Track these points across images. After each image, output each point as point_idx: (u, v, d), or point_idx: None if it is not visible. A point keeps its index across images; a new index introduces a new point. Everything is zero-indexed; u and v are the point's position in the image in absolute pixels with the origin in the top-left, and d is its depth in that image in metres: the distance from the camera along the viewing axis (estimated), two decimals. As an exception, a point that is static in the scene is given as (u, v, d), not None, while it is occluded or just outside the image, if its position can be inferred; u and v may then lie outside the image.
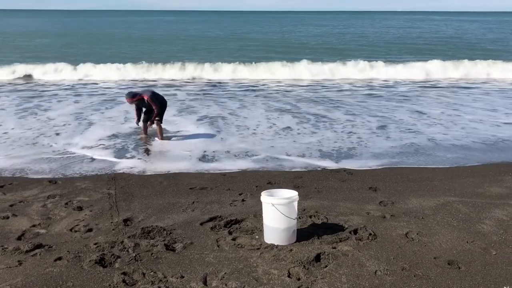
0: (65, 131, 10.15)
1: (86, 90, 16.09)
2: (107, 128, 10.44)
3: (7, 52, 27.90)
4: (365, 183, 6.84)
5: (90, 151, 8.61)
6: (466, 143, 9.42)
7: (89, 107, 12.89)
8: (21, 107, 12.85)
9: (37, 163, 7.81)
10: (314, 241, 4.74)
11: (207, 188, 6.62)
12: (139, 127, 9.85)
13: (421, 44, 37.53)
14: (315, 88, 16.92)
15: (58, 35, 45.01)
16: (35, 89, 16.29)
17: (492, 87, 17.53)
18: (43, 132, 9.99)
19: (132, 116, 10.65)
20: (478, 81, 18.88)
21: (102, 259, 4.34)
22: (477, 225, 5.20)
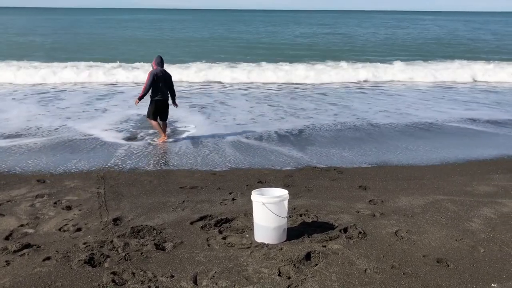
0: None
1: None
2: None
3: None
4: (355, 182, 6.87)
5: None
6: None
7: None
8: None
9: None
10: (304, 239, 4.74)
11: (197, 187, 6.60)
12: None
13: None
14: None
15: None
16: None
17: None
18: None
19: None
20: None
21: (91, 258, 4.31)
22: (465, 223, 5.25)
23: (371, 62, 22.75)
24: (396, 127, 10.79)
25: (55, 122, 10.78)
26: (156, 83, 8.94)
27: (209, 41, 38.03)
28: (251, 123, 11.11)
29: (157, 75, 8.93)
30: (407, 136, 10.04)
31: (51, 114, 11.80)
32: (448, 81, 19.11)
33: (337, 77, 18.87)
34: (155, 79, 8.91)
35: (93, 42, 34.60)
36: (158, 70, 9.00)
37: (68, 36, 40.43)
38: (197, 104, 13.40)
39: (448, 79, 19.30)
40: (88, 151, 8.49)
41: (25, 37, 39.10)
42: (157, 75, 8.93)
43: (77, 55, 24.44)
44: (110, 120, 11.09)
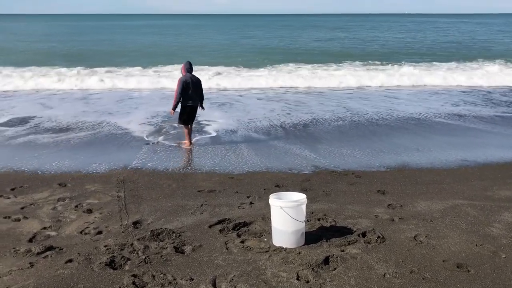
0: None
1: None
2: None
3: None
4: (373, 186, 6.84)
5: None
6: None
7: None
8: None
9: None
10: (322, 244, 4.74)
11: (215, 190, 6.65)
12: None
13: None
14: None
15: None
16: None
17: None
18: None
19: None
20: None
21: (112, 261, 4.38)
22: (486, 228, 5.18)
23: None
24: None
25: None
26: (186, 90, 8.99)
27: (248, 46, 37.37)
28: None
29: (186, 81, 8.96)
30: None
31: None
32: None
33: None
34: (185, 86, 8.95)
35: (121, 49, 34.77)
36: (188, 76, 9.03)
37: (90, 43, 40.98)
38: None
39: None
40: (111, 152, 8.62)
41: (47, 43, 39.75)
42: (187, 81, 8.97)
43: (113, 61, 24.61)
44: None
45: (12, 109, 13.40)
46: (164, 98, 15.00)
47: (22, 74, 19.22)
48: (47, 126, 11.12)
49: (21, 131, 10.58)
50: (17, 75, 19.14)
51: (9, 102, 14.79)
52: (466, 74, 20.36)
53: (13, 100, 15.17)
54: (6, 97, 15.56)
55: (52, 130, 10.69)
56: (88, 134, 10.37)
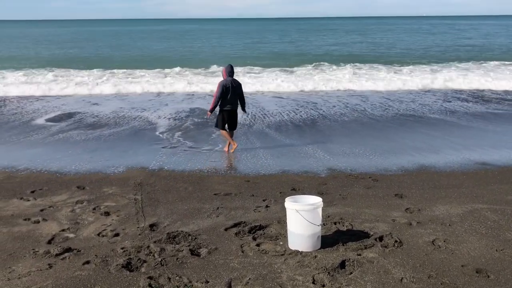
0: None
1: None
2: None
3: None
4: (391, 190, 6.77)
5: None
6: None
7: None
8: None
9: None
10: (339, 247, 4.71)
11: (231, 194, 6.66)
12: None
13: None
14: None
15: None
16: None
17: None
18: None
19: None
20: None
21: (129, 263, 4.42)
22: (506, 233, 5.08)
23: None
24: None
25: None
26: (225, 94, 8.87)
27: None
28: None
29: (226, 85, 8.85)
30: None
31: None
32: None
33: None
34: (224, 90, 8.85)
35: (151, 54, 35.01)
36: (228, 80, 8.92)
37: (115, 48, 41.47)
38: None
39: None
40: (129, 155, 8.71)
41: (82, 49, 40.32)
42: (226, 85, 8.86)
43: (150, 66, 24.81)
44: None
45: (62, 106, 14.47)
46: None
47: (71, 78, 20.03)
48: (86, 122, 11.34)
49: (64, 126, 10.83)
50: (63, 79, 19.96)
51: (60, 101, 15.74)
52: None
53: (61, 100, 15.97)
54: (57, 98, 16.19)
55: (88, 126, 10.88)
56: (115, 131, 10.51)
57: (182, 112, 13.58)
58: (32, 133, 10.97)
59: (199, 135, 10.61)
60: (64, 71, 22.53)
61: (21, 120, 12.54)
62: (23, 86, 18.17)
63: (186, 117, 12.86)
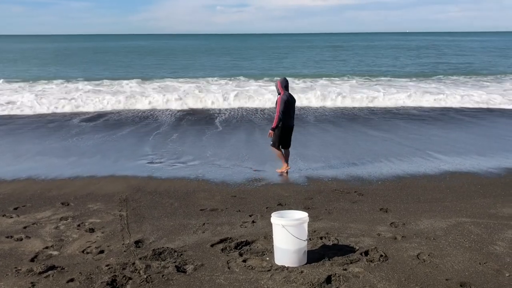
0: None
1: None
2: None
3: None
4: (376, 204, 6.82)
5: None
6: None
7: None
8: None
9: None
10: (325, 262, 4.72)
11: (217, 209, 6.65)
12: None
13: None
14: None
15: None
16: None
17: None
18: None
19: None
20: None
21: (114, 280, 4.37)
22: (489, 246, 5.15)
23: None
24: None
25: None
26: (288, 109, 8.53)
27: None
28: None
29: (288, 100, 8.51)
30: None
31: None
32: None
33: None
34: (287, 104, 8.49)
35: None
36: (287, 95, 8.56)
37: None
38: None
39: None
40: (115, 170, 8.65)
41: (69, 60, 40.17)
42: (288, 100, 8.52)
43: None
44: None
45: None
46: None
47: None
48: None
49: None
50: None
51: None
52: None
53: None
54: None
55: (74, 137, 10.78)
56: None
57: (168, 127, 13.57)
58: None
59: (185, 150, 10.60)
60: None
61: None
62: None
63: (172, 132, 12.85)
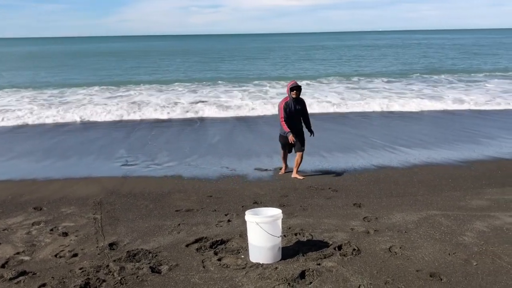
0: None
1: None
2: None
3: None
4: (349, 200, 6.93)
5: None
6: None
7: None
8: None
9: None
10: (299, 258, 4.78)
11: (193, 210, 6.64)
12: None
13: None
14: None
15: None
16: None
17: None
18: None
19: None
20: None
21: (87, 283, 4.33)
22: (458, 237, 5.30)
23: None
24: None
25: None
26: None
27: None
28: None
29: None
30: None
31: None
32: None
33: None
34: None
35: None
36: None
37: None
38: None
39: None
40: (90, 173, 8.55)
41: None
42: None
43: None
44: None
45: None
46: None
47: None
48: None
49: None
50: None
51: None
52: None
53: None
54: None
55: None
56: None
57: (142, 129, 13.47)
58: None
59: (160, 152, 10.54)
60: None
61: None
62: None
63: (146, 134, 12.76)
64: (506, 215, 6.06)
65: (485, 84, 22.89)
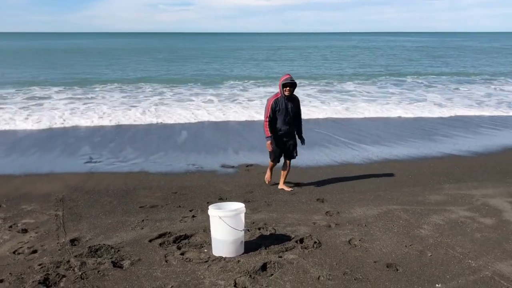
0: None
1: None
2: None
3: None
4: (313, 195, 7.06)
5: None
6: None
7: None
8: None
9: None
10: (261, 251, 4.86)
11: (157, 206, 6.63)
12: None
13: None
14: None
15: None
16: None
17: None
18: None
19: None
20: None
21: (47, 279, 4.28)
22: (415, 230, 5.49)
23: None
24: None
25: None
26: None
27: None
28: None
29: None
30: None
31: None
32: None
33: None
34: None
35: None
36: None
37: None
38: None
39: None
40: (52, 169, 8.38)
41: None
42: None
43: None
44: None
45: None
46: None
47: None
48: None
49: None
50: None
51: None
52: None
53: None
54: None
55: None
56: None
57: (108, 127, 13.29)
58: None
59: (125, 150, 10.43)
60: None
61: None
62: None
63: (111, 132, 12.59)
64: (461, 209, 6.31)
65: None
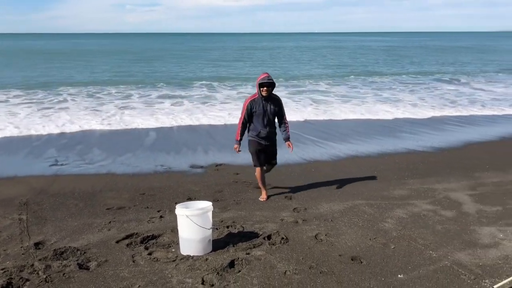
0: None
1: None
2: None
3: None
4: (281, 193, 7.14)
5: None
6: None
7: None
8: None
9: None
10: (229, 249, 4.90)
11: (125, 207, 6.57)
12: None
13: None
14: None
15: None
16: None
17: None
18: None
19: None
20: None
21: (10, 283, 4.20)
22: (380, 224, 5.64)
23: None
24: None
25: None
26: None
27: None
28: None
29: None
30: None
31: None
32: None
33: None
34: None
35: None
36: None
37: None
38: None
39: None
40: (14, 172, 8.18)
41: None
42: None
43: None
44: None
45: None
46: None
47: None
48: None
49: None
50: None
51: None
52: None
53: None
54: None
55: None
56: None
57: (73, 131, 13.05)
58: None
59: (91, 152, 10.28)
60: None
61: None
62: None
63: (76, 135, 12.38)
64: (423, 203, 6.52)
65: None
